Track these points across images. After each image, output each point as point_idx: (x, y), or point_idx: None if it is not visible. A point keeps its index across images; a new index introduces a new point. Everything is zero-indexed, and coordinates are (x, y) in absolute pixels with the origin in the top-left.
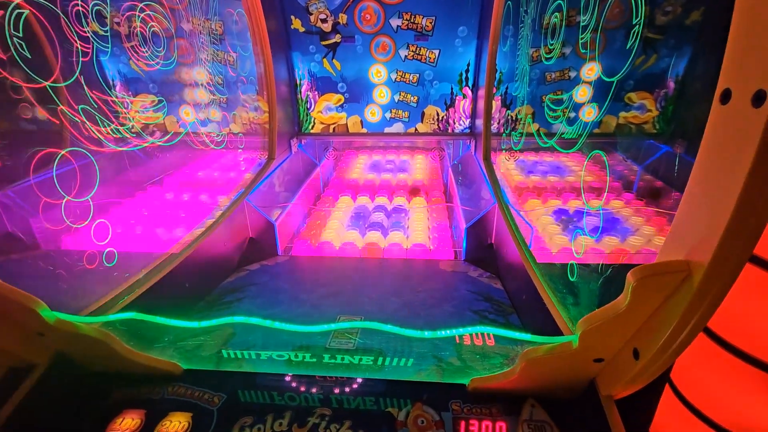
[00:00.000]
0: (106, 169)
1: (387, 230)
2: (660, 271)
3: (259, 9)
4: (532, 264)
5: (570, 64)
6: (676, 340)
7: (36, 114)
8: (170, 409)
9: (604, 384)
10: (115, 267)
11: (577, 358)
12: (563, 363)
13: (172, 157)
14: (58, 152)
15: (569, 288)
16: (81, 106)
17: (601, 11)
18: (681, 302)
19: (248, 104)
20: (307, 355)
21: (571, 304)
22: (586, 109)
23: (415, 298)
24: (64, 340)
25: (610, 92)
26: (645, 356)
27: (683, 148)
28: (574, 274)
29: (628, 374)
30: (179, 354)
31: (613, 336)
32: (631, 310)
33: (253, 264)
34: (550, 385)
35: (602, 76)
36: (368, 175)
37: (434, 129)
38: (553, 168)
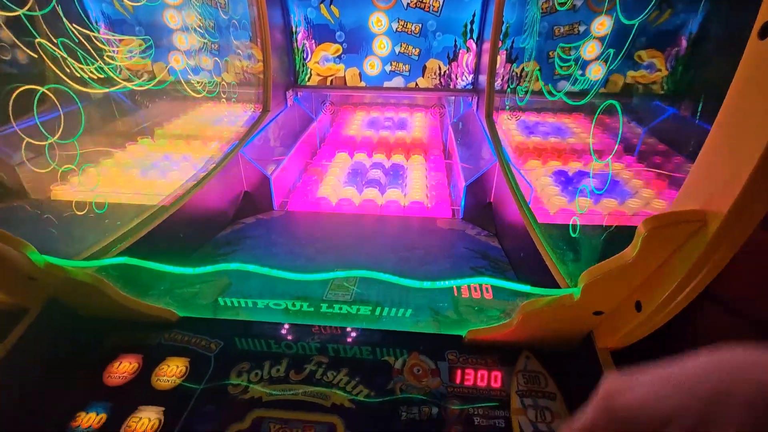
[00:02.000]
0: (93, 118)
1: (384, 187)
2: (674, 221)
3: None
4: (531, 222)
5: (580, 18)
6: (681, 294)
7: (16, 56)
8: (167, 354)
9: (602, 336)
10: (105, 215)
11: (577, 311)
12: (562, 315)
13: (162, 108)
14: (38, 89)
15: (570, 244)
16: (60, 39)
17: None
18: (691, 254)
19: (241, 51)
20: (304, 304)
21: (571, 260)
22: (593, 66)
23: (412, 254)
24: (56, 285)
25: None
26: (647, 309)
27: (690, 111)
28: (576, 230)
29: (627, 326)
30: (175, 302)
31: (616, 288)
32: (638, 262)
33: (249, 217)
34: (546, 337)
35: (621, 17)
36: (366, 132)
37: (435, 84)
38: (555, 129)
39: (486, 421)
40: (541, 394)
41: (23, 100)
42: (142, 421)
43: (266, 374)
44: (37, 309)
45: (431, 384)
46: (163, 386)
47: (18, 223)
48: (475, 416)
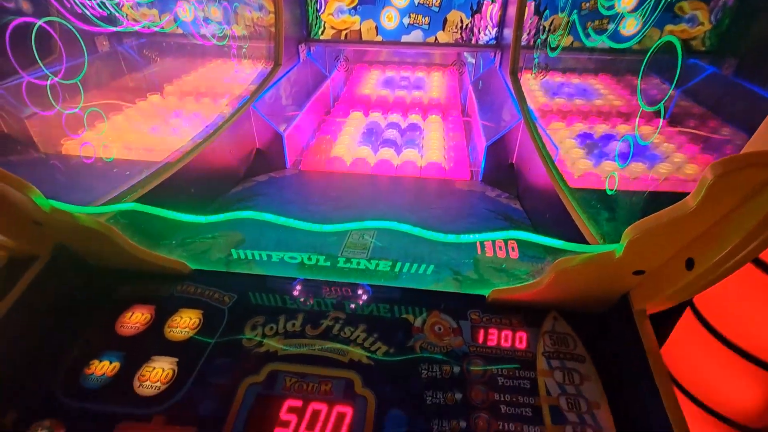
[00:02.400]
0: (101, 72)
1: (400, 147)
2: (747, 164)
3: None
4: (559, 181)
5: None
6: (746, 249)
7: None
8: (180, 306)
9: (640, 297)
10: (114, 166)
11: (616, 270)
12: (599, 274)
13: (172, 63)
14: (35, 22)
15: (604, 202)
16: None
17: None
18: (762, 205)
19: (252, 1)
20: (321, 258)
21: (606, 219)
22: (628, 20)
23: (429, 215)
24: (63, 232)
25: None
26: (701, 267)
27: (732, 69)
28: (615, 185)
29: (673, 286)
30: (187, 254)
31: (666, 244)
32: (698, 213)
33: (261, 176)
34: (576, 298)
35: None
36: (381, 92)
37: (456, 39)
38: (580, 90)
39: (510, 381)
40: (570, 356)
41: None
42: (156, 371)
43: (281, 328)
44: (46, 256)
45: (453, 343)
46: (177, 337)
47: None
48: (499, 376)
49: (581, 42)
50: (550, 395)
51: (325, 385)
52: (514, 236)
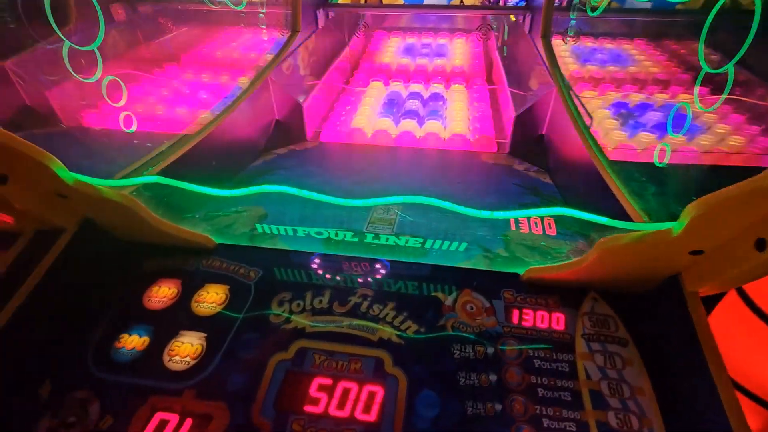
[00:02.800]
0: (117, 43)
1: (423, 119)
2: None
3: None
4: (597, 153)
5: None
6: None
7: None
8: (206, 280)
9: (694, 278)
10: (134, 135)
11: (670, 249)
12: (650, 254)
13: (187, 32)
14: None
15: (651, 176)
16: None
17: None
18: None
19: None
20: (348, 234)
21: (653, 194)
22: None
23: (455, 189)
24: (88, 205)
25: None
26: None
27: None
28: (665, 158)
29: (738, 268)
30: (211, 228)
31: (733, 222)
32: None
33: (281, 148)
34: (620, 278)
35: None
36: (402, 60)
37: (483, 1)
38: (613, 56)
39: (548, 364)
40: (611, 339)
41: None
42: (185, 346)
43: (308, 305)
44: (72, 228)
45: (486, 323)
46: (204, 312)
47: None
48: (536, 359)
49: (620, 4)
50: (590, 379)
51: (355, 364)
52: (558, 212)
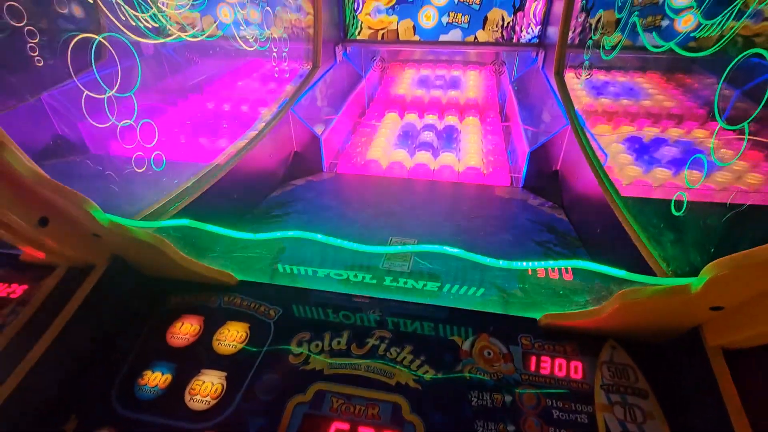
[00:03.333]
0: (145, 74)
1: (438, 151)
2: None
3: None
4: (613, 194)
5: None
6: None
7: (72, 11)
8: (228, 318)
9: (715, 333)
10: (163, 173)
11: (689, 304)
12: (669, 308)
13: (212, 64)
14: (95, 38)
15: (669, 223)
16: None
17: None
18: None
19: (290, 3)
20: (367, 276)
21: (671, 242)
22: (684, 16)
23: (469, 224)
24: (119, 244)
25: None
26: None
27: None
28: (682, 208)
29: (760, 327)
30: (233, 265)
31: (754, 283)
32: None
33: (299, 179)
34: (640, 328)
35: None
36: (416, 91)
37: (497, 38)
38: (626, 90)
39: (567, 415)
40: (631, 391)
41: (81, 54)
42: (206, 385)
43: (327, 345)
44: (103, 265)
45: (504, 370)
46: (225, 351)
47: (80, 179)
48: (554, 409)
49: (632, 41)
50: None
51: (372, 409)
52: (573, 265)
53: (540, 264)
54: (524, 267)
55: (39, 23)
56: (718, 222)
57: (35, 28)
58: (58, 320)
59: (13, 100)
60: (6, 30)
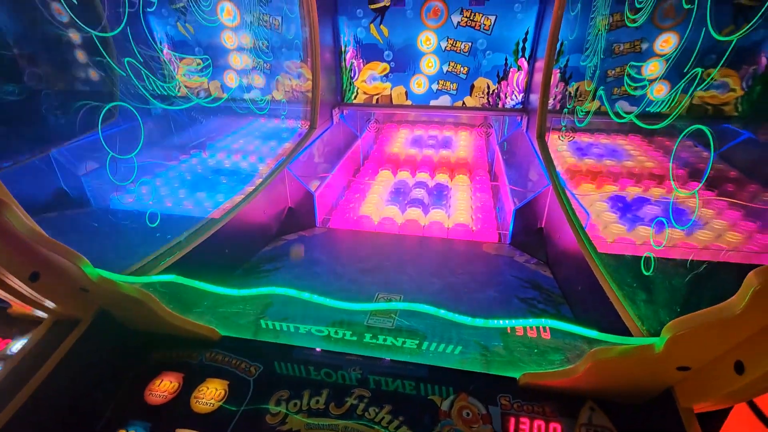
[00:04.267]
0: (151, 132)
1: (428, 207)
2: None
3: None
4: (591, 253)
5: (643, 35)
6: None
7: (89, 75)
8: (207, 374)
9: (686, 394)
10: (157, 228)
11: (657, 364)
12: (639, 367)
13: (215, 123)
14: (105, 105)
15: (641, 282)
16: (127, 59)
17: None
18: None
19: (291, 71)
20: (347, 333)
21: (644, 301)
22: (656, 86)
23: (456, 280)
24: (106, 298)
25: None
26: (752, 372)
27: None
28: (650, 268)
29: (724, 389)
30: (217, 319)
31: (710, 344)
32: (744, 317)
33: (291, 234)
34: (615, 388)
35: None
36: (409, 150)
37: (483, 103)
38: (609, 151)
39: None
40: None
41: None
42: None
43: (305, 405)
44: (87, 320)
45: None
46: (202, 409)
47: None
48: None
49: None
50: None
51: None
52: (545, 324)
53: (514, 322)
54: (499, 326)
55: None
56: (682, 281)
57: (51, 91)
58: (38, 375)
59: (25, 154)
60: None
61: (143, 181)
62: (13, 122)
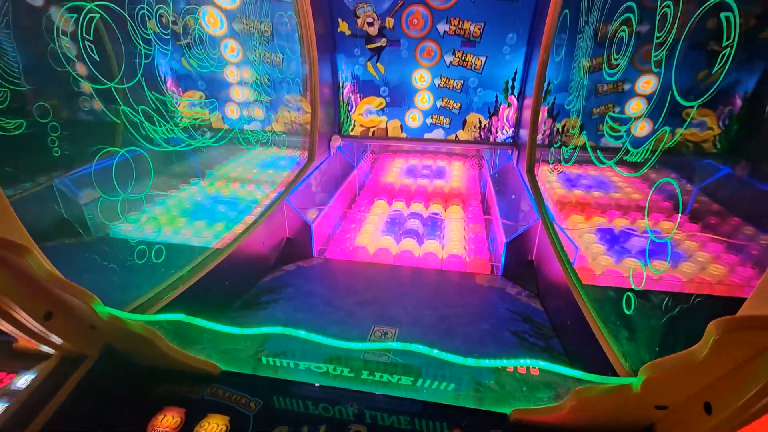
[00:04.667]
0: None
1: (422, 238)
2: (747, 326)
3: (309, 12)
4: (578, 288)
5: (625, 76)
6: (761, 401)
7: (93, 106)
8: (209, 410)
9: (668, 431)
10: (159, 260)
11: (637, 403)
12: (620, 405)
13: (216, 152)
14: (118, 151)
15: (624, 320)
16: (141, 107)
17: (681, 28)
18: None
19: (291, 104)
20: (345, 369)
21: (626, 339)
22: (639, 124)
23: (450, 312)
24: (113, 334)
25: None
26: (719, 413)
27: (747, 171)
28: (631, 307)
29: (698, 428)
30: (217, 354)
31: (681, 386)
32: (707, 363)
33: (289, 264)
34: (601, 424)
35: (678, 98)
36: (404, 180)
37: (475, 137)
38: (598, 183)
39: None
40: None
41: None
42: None
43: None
44: (94, 356)
45: None
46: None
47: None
48: None
49: (595, 143)
50: None
51: None
52: (530, 364)
53: (503, 362)
54: (488, 365)
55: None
56: (659, 322)
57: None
58: (46, 410)
59: (28, 183)
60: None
61: (145, 209)
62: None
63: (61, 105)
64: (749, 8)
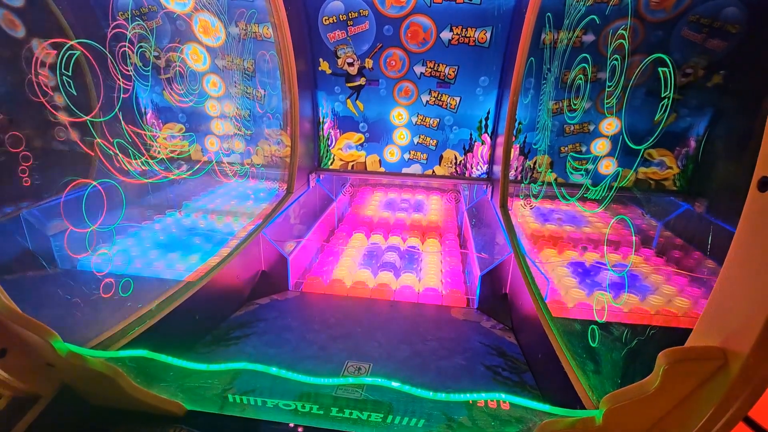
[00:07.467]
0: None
1: (399, 271)
2: (693, 357)
3: (291, 51)
4: (549, 321)
5: (590, 118)
6: (712, 429)
7: (69, 137)
8: None
9: None
10: (126, 294)
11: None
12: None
13: (192, 184)
14: (90, 182)
15: (590, 353)
16: (116, 140)
17: (629, 78)
18: (717, 390)
19: (272, 138)
20: (314, 407)
21: (592, 372)
22: (604, 162)
23: (425, 347)
24: (71, 373)
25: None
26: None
27: (704, 208)
28: (596, 340)
29: None
30: (183, 392)
31: (640, 416)
32: (661, 393)
33: (263, 298)
34: None
35: (628, 142)
36: (383, 213)
37: (452, 172)
38: (570, 217)
39: None
40: None
41: (66, 172)
42: None
43: None
44: (48, 397)
45: None
46: None
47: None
48: None
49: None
50: None
51: None
52: (499, 398)
53: (469, 396)
54: (456, 399)
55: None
56: (620, 355)
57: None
58: None
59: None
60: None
61: (115, 242)
62: None
63: (35, 134)
64: (694, 61)
